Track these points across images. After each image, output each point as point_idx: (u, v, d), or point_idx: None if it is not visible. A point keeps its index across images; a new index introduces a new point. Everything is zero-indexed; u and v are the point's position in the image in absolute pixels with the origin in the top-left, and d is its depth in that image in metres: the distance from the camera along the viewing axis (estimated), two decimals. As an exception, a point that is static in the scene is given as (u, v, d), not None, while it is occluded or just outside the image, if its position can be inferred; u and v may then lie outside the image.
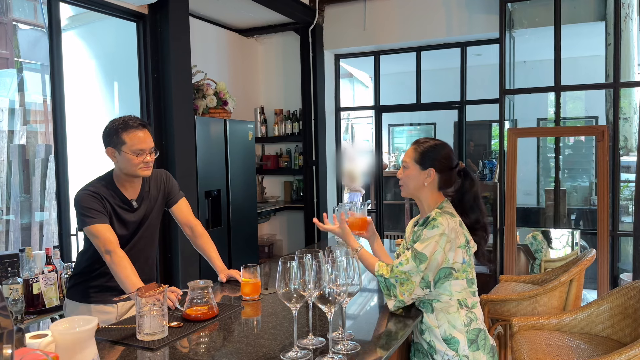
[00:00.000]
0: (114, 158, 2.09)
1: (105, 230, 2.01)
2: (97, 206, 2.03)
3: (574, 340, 2.42)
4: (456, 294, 1.87)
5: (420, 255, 1.81)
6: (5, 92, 5.71)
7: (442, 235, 1.82)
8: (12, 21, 6.62)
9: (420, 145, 1.97)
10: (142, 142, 2.05)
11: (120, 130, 2.05)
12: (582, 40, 5.48)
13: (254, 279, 2.11)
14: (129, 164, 2.06)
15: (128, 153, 2.04)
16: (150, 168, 2.13)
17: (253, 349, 1.57)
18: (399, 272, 1.83)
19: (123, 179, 2.13)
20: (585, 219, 5.68)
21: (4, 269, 2.76)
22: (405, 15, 5.06)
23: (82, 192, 2.07)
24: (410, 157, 1.96)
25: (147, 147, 2.07)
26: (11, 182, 5.13)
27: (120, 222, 2.13)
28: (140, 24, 3.64)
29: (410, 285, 1.82)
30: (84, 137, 3.96)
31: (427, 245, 1.81)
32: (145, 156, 2.07)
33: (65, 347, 1.25)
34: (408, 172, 1.96)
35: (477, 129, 7.59)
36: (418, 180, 1.95)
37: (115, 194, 2.11)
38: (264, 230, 5.76)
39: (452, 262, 1.84)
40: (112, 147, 2.07)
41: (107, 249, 1.97)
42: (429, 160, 1.94)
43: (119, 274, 1.94)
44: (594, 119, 6.94)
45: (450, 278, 1.85)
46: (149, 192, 2.23)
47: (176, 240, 3.63)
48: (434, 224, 1.84)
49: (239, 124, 4.59)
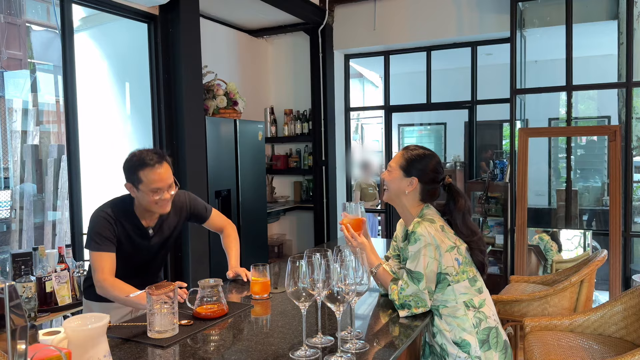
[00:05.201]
0: (133, 192, 2.08)
1: (107, 259, 2.03)
2: (108, 233, 2.05)
3: (587, 341, 2.40)
4: (461, 296, 1.85)
5: (416, 275, 1.81)
6: (19, 93, 5.78)
7: (427, 246, 1.80)
8: (25, 22, 6.71)
9: (409, 151, 1.96)
10: (159, 181, 2.01)
11: (138, 169, 2.01)
12: (594, 39, 5.43)
13: (264, 278, 2.12)
14: (146, 201, 2.05)
15: (145, 191, 2.02)
16: (168, 205, 2.09)
17: (262, 347, 1.58)
18: (405, 297, 1.83)
19: (142, 208, 2.12)
20: (597, 219, 5.62)
21: (18, 267, 2.79)
22: (416, 15, 5.05)
23: (99, 213, 2.08)
24: (396, 162, 1.96)
25: (164, 185, 2.03)
26: (24, 181, 5.19)
27: (133, 247, 2.15)
28: (152, 24, 3.67)
29: (423, 302, 1.83)
30: (96, 137, 4.00)
31: (417, 262, 1.81)
32: (162, 193, 2.03)
33: (78, 343, 1.26)
34: (391, 175, 1.96)
35: (487, 129, 7.55)
36: (399, 186, 1.94)
37: (132, 220, 2.12)
38: (273, 230, 5.78)
39: (445, 267, 1.83)
40: (131, 183, 2.06)
41: (103, 277, 2.00)
42: (413, 168, 1.93)
43: (113, 292, 1.98)
44: (606, 119, 6.87)
45: (447, 282, 1.84)
46: (167, 219, 2.23)
47: (186, 240, 3.65)
48: (415, 237, 1.83)
49: (249, 124, 4.61)
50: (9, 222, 5.30)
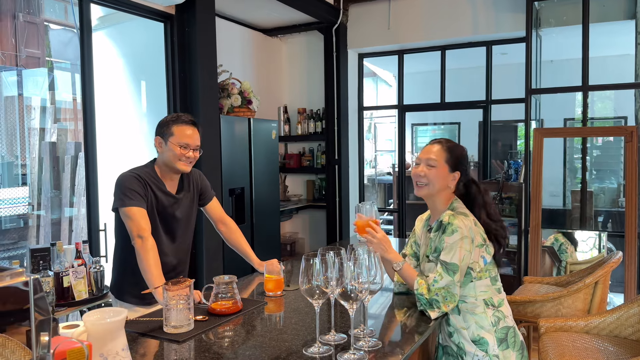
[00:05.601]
0: (160, 147, 2.18)
1: (142, 215, 2.06)
2: (140, 189, 2.09)
3: (602, 343, 2.38)
4: (481, 293, 1.86)
5: (451, 266, 1.79)
6: (38, 91, 5.88)
7: (464, 239, 1.80)
8: (43, 21, 6.81)
9: (449, 145, 1.93)
10: (189, 138, 2.14)
11: (171, 123, 2.15)
12: (612, 38, 5.37)
13: (277, 276, 2.15)
14: (172, 155, 2.13)
15: (174, 144, 2.12)
16: (191, 165, 2.20)
17: (276, 344, 1.60)
18: (437, 290, 1.79)
19: (164, 171, 2.20)
20: (613, 221, 5.56)
21: (36, 262, 2.84)
22: (430, 14, 5.04)
23: (127, 173, 2.14)
24: (441, 157, 1.90)
25: (192, 143, 2.15)
26: (42, 178, 5.28)
27: (160, 212, 2.17)
28: (168, 24, 3.71)
29: (452, 297, 1.80)
30: (112, 135, 4.05)
31: (454, 254, 1.79)
32: (188, 151, 2.15)
33: (97, 336, 1.29)
34: (437, 171, 1.90)
35: (502, 129, 7.50)
36: (445, 181, 1.91)
37: (157, 183, 2.18)
38: (286, 229, 5.80)
39: (472, 262, 1.83)
40: (161, 136, 2.17)
41: (140, 234, 2.01)
42: (459, 163, 1.92)
43: (144, 261, 1.98)
44: (623, 119, 6.79)
45: (470, 278, 1.84)
46: (185, 187, 2.30)
47: (200, 236, 3.69)
48: (452, 228, 1.81)
49: (263, 123, 4.63)
50: (27, 217, 5.39)
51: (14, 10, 6.46)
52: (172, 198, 2.22)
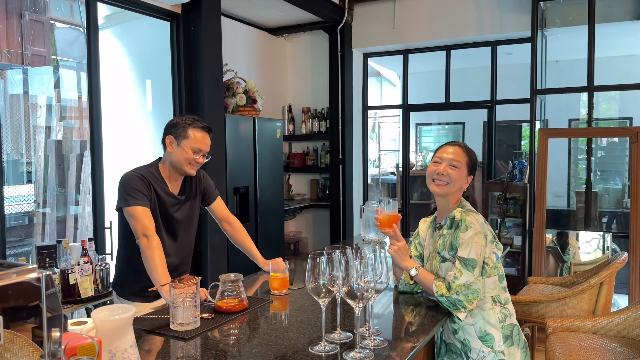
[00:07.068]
0: (169, 147, 2.18)
1: (146, 214, 2.07)
2: (143, 189, 2.10)
3: (610, 343, 2.38)
4: (489, 290, 1.89)
5: (470, 262, 1.81)
6: (43, 89, 5.90)
7: (478, 234, 1.84)
8: (49, 20, 6.84)
9: (467, 148, 2.02)
10: (203, 143, 2.17)
11: (187, 125, 2.16)
12: (617, 39, 5.35)
13: (282, 274, 2.15)
14: (183, 157, 2.14)
15: (187, 147, 2.14)
16: (197, 169, 2.23)
17: (282, 342, 1.61)
18: (458, 287, 1.80)
19: (169, 171, 2.21)
20: (618, 222, 5.55)
21: (43, 259, 2.86)
22: (435, 14, 5.04)
23: (130, 173, 2.15)
24: (463, 159, 1.98)
25: (204, 149, 2.18)
26: (48, 176, 5.30)
27: (162, 213, 2.19)
28: (174, 23, 3.72)
29: (476, 294, 1.81)
30: (118, 133, 4.07)
31: (471, 249, 1.82)
32: (199, 156, 2.17)
33: (105, 333, 1.30)
34: (459, 172, 1.96)
35: (507, 129, 7.49)
36: (463, 182, 1.98)
37: (160, 184, 2.19)
38: (290, 228, 5.81)
39: (486, 257, 1.87)
40: (174, 137, 2.17)
41: (145, 233, 2.03)
42: (474, 167, 2.01)
43: (150, 260, 1.99)
44: (628, 120, 6.77)
45: (482, 274, 1.86)
46: (188, 189, 2.31)
47: (205, 235, 3.70)
48: (466, 224, 1.85)
49: (268, 122, 4.64)
50: (32, 215, 5.42)
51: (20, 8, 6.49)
52: (174, 199, 2.23)
